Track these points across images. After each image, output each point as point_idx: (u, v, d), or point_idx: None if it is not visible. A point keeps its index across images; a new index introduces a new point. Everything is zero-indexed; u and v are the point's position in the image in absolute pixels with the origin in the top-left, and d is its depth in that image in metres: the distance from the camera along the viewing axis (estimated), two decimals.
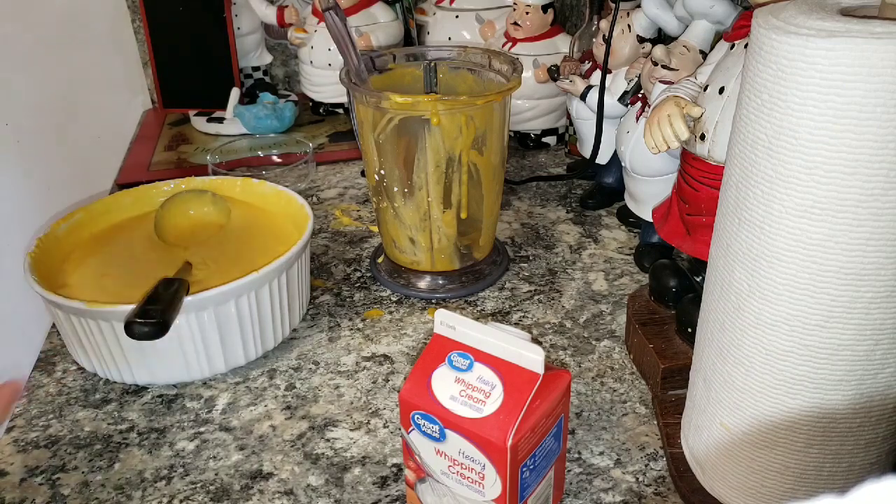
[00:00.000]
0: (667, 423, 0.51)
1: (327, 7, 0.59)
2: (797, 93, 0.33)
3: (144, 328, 0.45)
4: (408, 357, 0.61)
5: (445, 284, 0.69)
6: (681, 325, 0.56)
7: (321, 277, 0.72)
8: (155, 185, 0.70)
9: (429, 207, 0.65)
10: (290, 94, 1.15)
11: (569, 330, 0.63)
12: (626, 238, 0.77)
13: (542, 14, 0.89)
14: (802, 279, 0.36)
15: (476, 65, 0.68)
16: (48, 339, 0.64)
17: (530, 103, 0.93)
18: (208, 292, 0.53)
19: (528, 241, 0.77)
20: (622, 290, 0.69)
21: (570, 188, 0.88)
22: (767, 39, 0.34)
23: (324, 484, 0.49)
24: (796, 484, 0.40)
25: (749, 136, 0.37)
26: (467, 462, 0.40)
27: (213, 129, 1.04)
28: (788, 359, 0.38)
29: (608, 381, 0.58)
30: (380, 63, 0.68)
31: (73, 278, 0.59)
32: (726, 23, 0.62)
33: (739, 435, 0.41)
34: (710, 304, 0.42)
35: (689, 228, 0.56)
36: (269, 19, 1.06)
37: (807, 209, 0.34)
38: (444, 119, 0.60)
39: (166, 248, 0.62)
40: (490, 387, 0.39)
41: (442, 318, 0.41)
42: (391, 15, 1.04)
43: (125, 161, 0.98)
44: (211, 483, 0.50)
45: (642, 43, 0.75)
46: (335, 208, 0.85)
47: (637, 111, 0.70)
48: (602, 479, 0.49)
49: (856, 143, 0.32)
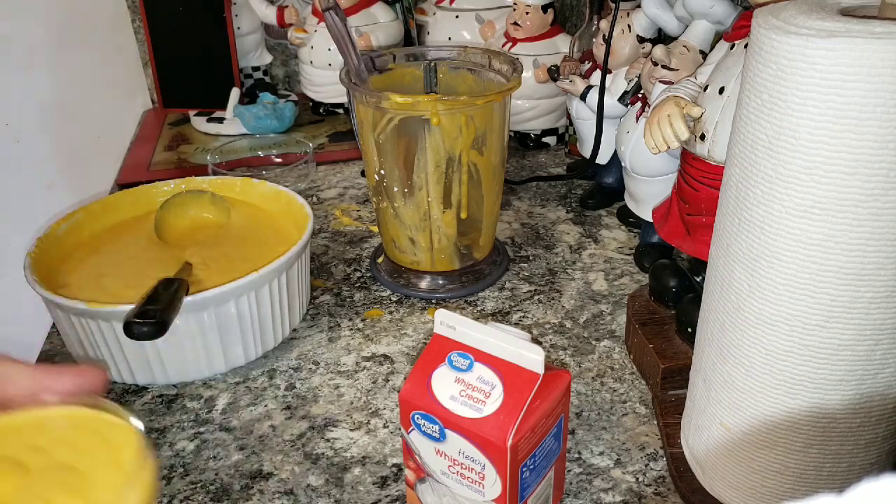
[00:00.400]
0: (667, 423, 0.51)
1: (327, 7, 0.59)
2: (797, 93, 0.33)
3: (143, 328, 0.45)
4: (408, 357, 0.61)
5: (445, 284, 0.69)
6: (681, 325, 0.56)
7: (321, 277, 0.72)
8: (155, 185, 0.70)
9: (429, 207, 0.65)
10: (290, 94, 1.15)
11: (569, 330, 0.63)
12: (626, 238, 0.77)
13: (542, 14, 0.89)
14: (802, 279, 0.36)
15: (476, 65, 0.68)
16: (48, 339, 0.64)
17: (530, 103, 0.93)
18: (208, 292, 0.53)
19: (528, 241, 0.77)
20: (622, 290, 0.69)
21: (570, 188, 0.88)
22: (767, 39, 0.34)
23: (324, 484, 0.49)
24: (796, 484, 0.40)
25: (749, 136, 0.37)
26: (467, 462, 0.40)
27: (213, 129, 1.04)
28: (788, 359, 0.38)
29: (608, 381, 0.58)
30: (380, 63, 0.68)
31: (73, 278, 0.59)
32: (726, 23, 0.62)
33: (739, 435, 0.41)
34: (710, 304, 0.42)
35: (689, 228, 0.56)
36: (269, 19, 1.06)
37: (807, 209, 0.34)
38: (444, 119, 0.60)
39: (166, 248, 0.62)
40: (490, 387, 0.39)
41: (442, 318, 0.41)
42: (391, 15, 1.04)
43: (125, 161, 0.98)
44: (211, 483, 0.50)
45: (642, 43, 0.75)
46: (335, 208, 0.85)
47: (637, 111, 0.70)
48: (602, 479, 0.49)
49: (856, 143, 0.32)
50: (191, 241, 0.63)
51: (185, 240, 0.64)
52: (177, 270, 0.56)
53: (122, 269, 0.60)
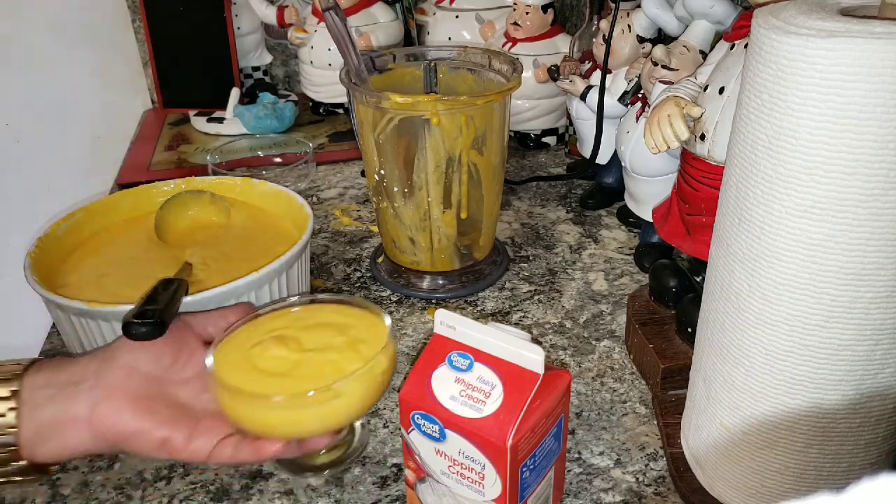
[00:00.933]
0: (667, 423, 0.51)
1: (327, 7, 0.59)
2: (797, 93, 0.33)
3: (142, 328, 0.45)
4: (408, 357, 0.61)
5: (445, 284, 0.69)
6: (681, 325, 0.56)
7: (321, 277, 0.72)
8: (155, 185, 0.70)
9: (429, 207, 0.65)
10: (290, 94, 1.15)
11: (569, 330, 0.63)
12: (626, 238, 0.77)
13: (542, 14, 0.89)
14: (802, 279, 0.36)
15: (476, 65, 0.68)
16: (48, 339, 0.64)
17: (530, 103, 0.93)
18: (208, 292, 0.53)
19: (528, 241, 0.77)
20: (622, 290, 0.69)
21: (570, 188, 0.88)
22: (767, 39, 0.34)
23: (324, 484, 0.49)
24: (796, 484, 0.40)
25: (749, 136, 0.37)
26: (467, 462, 0.40)
27: (213, 129, 1.04)
28: (788, 359, 0.38)
29: (608, 381, 0.58)
30: (380, 63, 0.68)
31: (73, 278, 0.59)
32: (726, 23, 0.62)
33: (739, 435, 0.41)
34: (710, 304, 0.42)
35: (689, 228, 0.56)
36: (269, 19, 1.06)
37: (807, 209, 0.34)
38: (444, 119, 0.60)
39: (166, 248, 0.62)
40: (490, 387, 0.39)
41: (442, 318, 0.41)
42: (391, 15, 1.04)
43: (125, 161, 0.98)
44: (211, 483, 0.50)
45: (642, 43, 0.75)
46: (335, 208, 0.85)
47: (637, 111, 0.70)
48: (602, 479, 0.49)
49: (856, 143, 0.32)
50: (191, 241, 0.63)
51: (185, 240, 0.64)
52: (177, 270, 0.56)
53: (122, 269, 0.60)
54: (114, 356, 0.43)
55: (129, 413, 0.41)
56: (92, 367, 0.43)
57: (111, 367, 0.43)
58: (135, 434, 0.41)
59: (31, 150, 1.12)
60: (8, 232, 1.09)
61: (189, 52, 1.04)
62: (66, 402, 0.41)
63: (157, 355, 0.44)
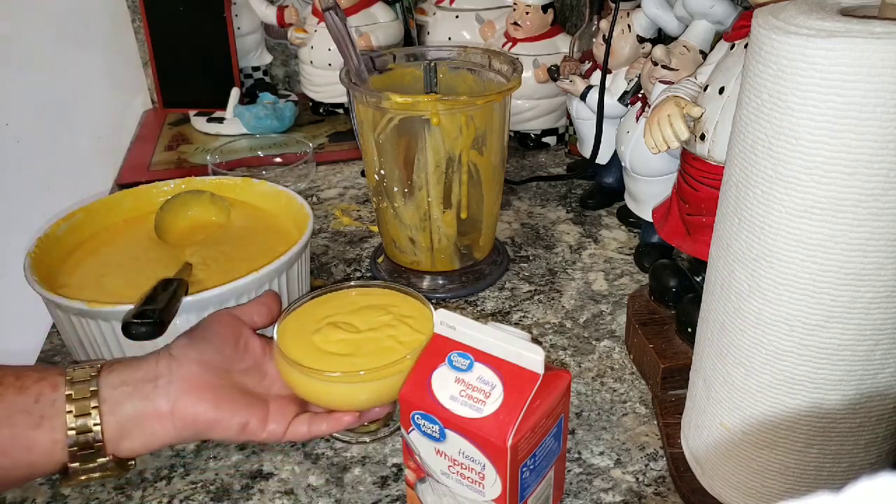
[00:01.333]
0: (667, 423, 0.51)
1: (327, 7, 0.59)
2: (797, 93, 0.33)
3: (142, 328, 0.45)
4: None
5: (445, 284, 0.69)
6: (681, 325, 0.56)
7: (321, 277, 0.72)
8: (155, 185, 0.70)
9: (429, 207, 0.65)
10: (290, 94, 1.15)
11: (569, 330, 0.63)
12: (626, 238, 0.77)
13: (542, 14, 0.89)
14: (802, 279, 0.36)
15: (476, 65, 0.68)
16: (48, 339, 0.64)
17: (530, 103, 0.93)
18: (208, 292, 0.53)
19: (528, 241, 0.77)
20: (622, 290, 0.69)
21: (570, 188, 0.88)
22: (767, 39, 0.34)
23: (324, 484, 0.49)
24: (796, 484, 0.40)
25: (749, 136, 0.37)
26: (467, 462, 0.40)
27: (213, 129, 1.04)
28: (788, 359, 0.38)
29: (608, 381, 0.58)
30: (380, 63, 0.68)
31: (73, 278, 0.59)
32: (726, 23, 0.62)
33: (739, 435, 0.41)
34: (710, 304, 0.42)
35: (689, 228, 0.56)
36: (269, 19, 1.06)
37: (807, 209, 0.34)
38: (444, 119, 0.60)
39: (166, 248, 0.62)
40: (490, 387, 0.39)
41: (442, 318, 0.41)
42: (391, 15, 1.04)
43: (125, 161, 0.98)
44: (211, 483, 0.50)
45: (642, 43, 0.75)
46: (335, 208, 0.85)
47: (637, 111, 0.70)
48: (602, 479, 0.49)
49: (856, 143, 0.32)
50: (191, 241, 0.63)
51: (185, 240, 0.64)
52: (177, 270, 0.56)
53: (122, 269, 0.60)
54: (181, 353, 0.46)
55: (208, 403, 0.44)
56: (162, 363, 0.45)
57: (182, 363, 0.45)
58: (216, 422, 0.44)
59: (31, 150, 1.12)
60: (8, 232, 1.09)
61: (189, 52, 1.04)
62: (146, 398, 0.43)
63: (220, 348, 0.47)
